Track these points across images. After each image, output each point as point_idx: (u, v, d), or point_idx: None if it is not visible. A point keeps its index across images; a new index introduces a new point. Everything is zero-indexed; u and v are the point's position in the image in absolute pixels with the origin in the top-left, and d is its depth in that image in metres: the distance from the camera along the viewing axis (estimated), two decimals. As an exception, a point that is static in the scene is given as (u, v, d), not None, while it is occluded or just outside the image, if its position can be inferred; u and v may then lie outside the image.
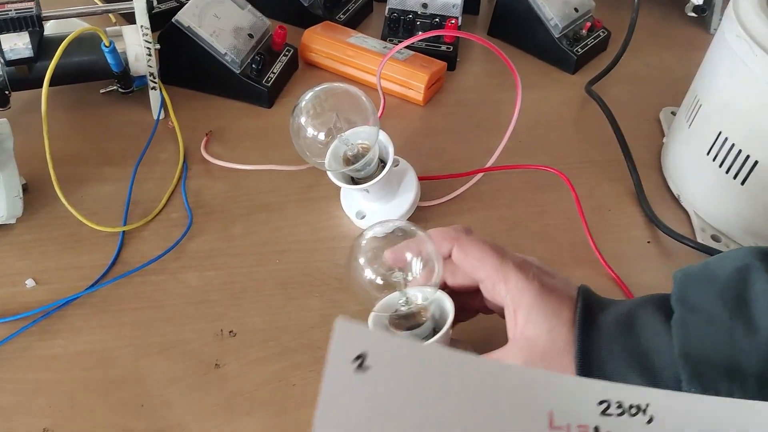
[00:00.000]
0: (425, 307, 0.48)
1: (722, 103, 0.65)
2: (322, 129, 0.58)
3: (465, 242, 0.46)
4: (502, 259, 0.45)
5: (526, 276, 0.44)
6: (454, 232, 0.47)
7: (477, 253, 0.45)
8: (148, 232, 0.63)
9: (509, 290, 0.44)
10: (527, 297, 0.43)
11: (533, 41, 0.88)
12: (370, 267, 0.47)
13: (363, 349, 0.26)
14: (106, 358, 0.53)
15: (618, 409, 0.27)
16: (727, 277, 0.40)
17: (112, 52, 0.67)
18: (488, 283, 0.45)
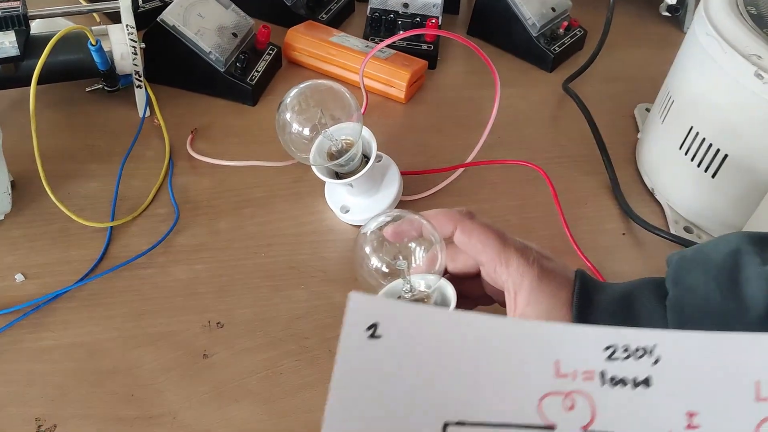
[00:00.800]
0: (428, 294, 0.49)
1: (693, 99, 0.67)
2: (307, 125, 0.59)
3: (468, 225, 0.46)
4: (504, 243, 0.45)
5: (527, 260, 0.45)
6: (458, 215, 0.47)
7: (480, 237, 0.46)
8: (135, 227, 0.64)
9: (510, 273, 0.45)
10: (527, 280, 0.44)
11: (511, 40, 0.90)
12: (375, 255, 0.48)
13: (375, 319, 0.28)
14: (97, 349, 0.54)
15: (624, 352, 0.28)
16: (720, 260, 0.41)
17: (98, 51, 0.68)
18: (489, 266, 0.46)
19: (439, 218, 0.47)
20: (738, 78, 0.61)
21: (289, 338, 0.56)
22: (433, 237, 0.47)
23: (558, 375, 0.28)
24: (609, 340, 0.28)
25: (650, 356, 0.28)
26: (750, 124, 0.61)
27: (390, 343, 0.28)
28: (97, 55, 0.68)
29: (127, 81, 0.74)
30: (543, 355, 0.28)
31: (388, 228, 0.47)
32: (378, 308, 0.28)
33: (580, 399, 0.28)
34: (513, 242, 0.46)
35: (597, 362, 0.28)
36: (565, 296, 0.44)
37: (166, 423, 0.50)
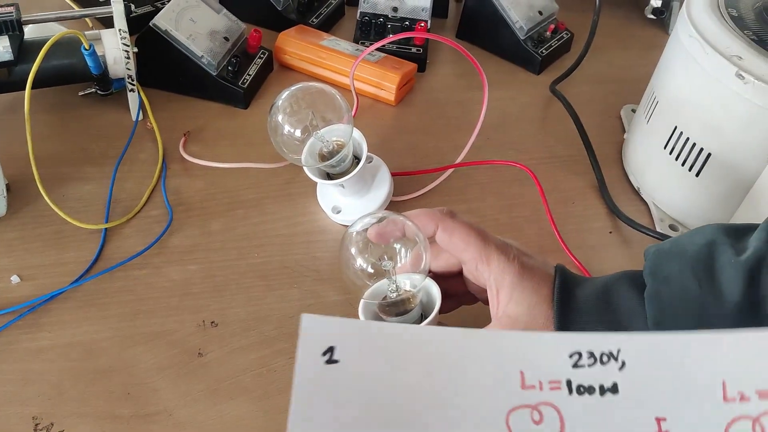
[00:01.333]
0: (413, 293, 0.50)
1: (677, 99, 0.69)
2: (299, 126, 0.60)
3: (450, 224, 0.47)
4: (485, 241, 0.46)
5: (507, 257, 0.45)
6: (439, 214, 0.48)
7: (461, 235, 0.46)
8: (129, 228, 0.65)
9: (492, 271, 0.45)
10: (509, 277, 0.45)
11: (499, 43, 0.92)
12: (360, 256, 0.49)
13: (331, 342, 0.27)
14: (93, 349, 0.55)
15: (590, 359, 0.27)
16: (696, 252, 0.42)
17: (91, 55, 0.69)
18: (471, 264, 0.47)
19: (421, 218, 0.48)
20: (720, 78, 0.63)
21: (283, 337, 0.57)
22: (417, 237, 0.48)
23: (524, 386, 0.27)
24: (573, 347, 0.28)
25: (616, 361, 0.27)
26: (732, 124, 0.62)
27: (348, 367, 0.26)
28: (91, 59, 0.69)
29: (120, 85, 0.75)
30: (507, 366, 0.28)
31: (371, 229, 0.48)
32: (333, 330, 0.27)
33: (548, 411, 0.27)
34: (493, 240, 0.47)
35: (562, 371, 0.27)
36: (546, 292, 0.45)
37: (162, 421, 0.51)
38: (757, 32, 0.64)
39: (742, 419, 0.27)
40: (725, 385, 0.27)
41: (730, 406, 0.27)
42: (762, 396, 0.27)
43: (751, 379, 0.27)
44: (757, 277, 0.39)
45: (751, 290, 0.39)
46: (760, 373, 0.27)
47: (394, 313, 0.50)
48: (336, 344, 0.27)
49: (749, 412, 0.27)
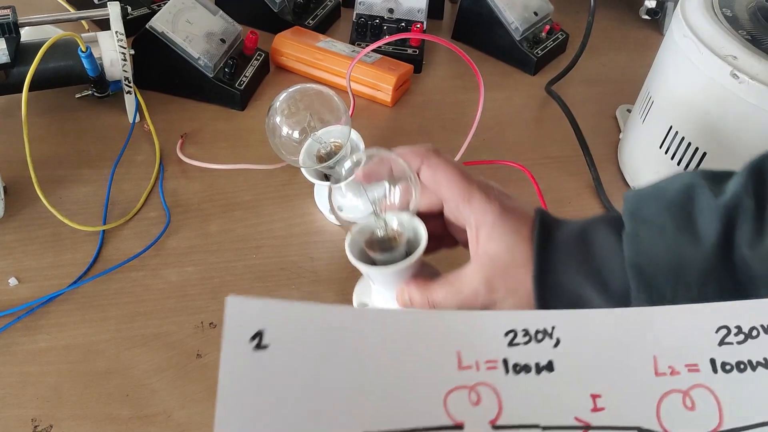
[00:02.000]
0: (401, 232, 0.49)
1: (672, 99, 0.69)
2: (297, 128, 0.60)
3: (434, 161, 0.46)
4: (467, 180, 0.46)
5: (489, 197, 0.45)
6: (425, 151, 0.47)
7: (445, 173, 0.46)
8: (127, 230, 0.65)
9: (473, 210, 0.45)
10: (489, 216, 0.45)
11: (495, 44, 0.92)
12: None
13: (260, 326, 0.25)
14: (91, 351, 0.55)
15: (525, 336, 0.27)
16: (675, 194, 0.42)
17: (88, 57, 0.69)
18: (452, 203, 0.46)
19: (407, 154, 0.47)
20: (715, 78, 0.63)
21: (281, 337, 0.57)
22: (407, 174, 0.47)
23: (461, 367, 0.27)
24: (508, 325, 0.28)
25: (551, 339, 0.28)
26: (727, 123, 0.63)
27: (279, 352, 0.25)
28: (88, 61, 0.69)
29: (117, 87, 0.75)
30: (444, 347, 0.27)
31: (360, 169, 0.48)
32: (262, 312, 0.25)
33: (486, 391, 0.27)
34: (476, 180, 0.47)
35: (499, 349, 0.27)
36: (526, 232, 0.44)
37: (161, 422, 0.51)
38: (751, 32, 0.65)
39: (673, 393, 0.27)
40: (656, 360, 0.28)
41: (661, 381, 0.27)
42: (691, 369, 0.27)
43: (680, 354, 0.28)
44: (733, 220, 0.40)
45: (727, 233, 0.40)
46: (688, 348, 0.28)
47: (380, 249, 0.50)
48: (265, 328, 0.25)
49: (679, 385, 0.27)
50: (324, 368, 0.26)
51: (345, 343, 0.26)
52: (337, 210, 0.64)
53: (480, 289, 0.45)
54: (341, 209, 0.67)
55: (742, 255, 0.39)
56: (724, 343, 0.28)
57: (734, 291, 0.39)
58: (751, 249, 0.39)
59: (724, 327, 0.28)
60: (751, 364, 0.28)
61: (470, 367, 0.27)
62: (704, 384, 0.27)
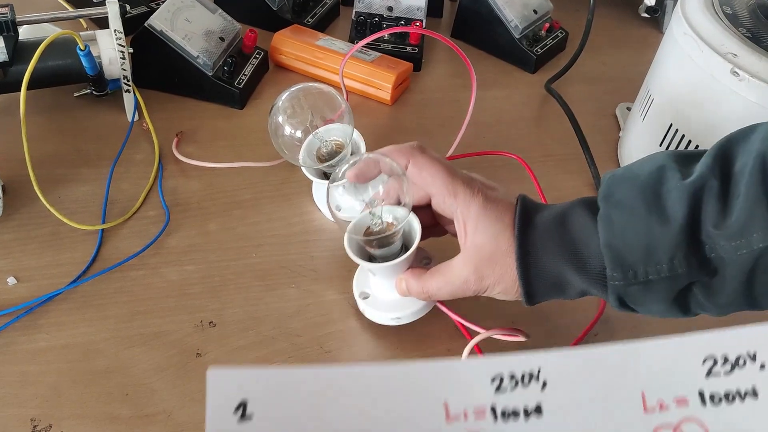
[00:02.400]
0: (396, 228, 0.52)
1: (672, 97, 0.69)
2: (300, 127, 0.60)
3: (420, 159, 0.50)
4: (452, 176, 0.49)
5: (472, 190, 0.48)
6: (410, 149, 0.50)
7: (430, 170, 0.49)
8: (126, 229, 0.64)
9: (458, 203, 0.48)
10: (474, 208, 0.48)
11: (494, 42, 0.92)
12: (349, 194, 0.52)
13: (243, 397, 0.25)
14: (90, 350, 0.55)
15: (511, 381, 0.27)
16: (646, 176, 0.44)
17: (87, 56, 0.68)
18: (439, 197, 0.49)
19: (393, 154, 0.50)
20: (715, 75, 0.63)
21: (281, 336, 0.57)
22: (397, 172, 0.50)
23: (449, 419, 0.27)
24: (493, 370, 0.27)
25: (537, 381, 0.27)
26: (727, 121, 0.63)
27: (263, 421, 0.25)
28: (86, 60, 0.69)
29: (116, 85, 0.74)
30: (431, 399, 0.27)
31: (350, 171, 0.51)
32: (244, 382, 0.25)
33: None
34: (460, 175, 0.49)
35: (486, 397, 0.27)
36: (509, 220, 0.47)
37: (161, 422, 0.51)
38: (750, 29, 0.64)
39: (663, 428, 0.27)
40: (644, 396, 0.27)
41: (651, 417, 0.27)
42: (680, 403, 0.27)
43: (668, 387, 0.27)
44: (698, 201, 0.41)
45: (693, 213, 0.41)
46: (676, 381, 0.28)
47: (378, 245, 0.52)
48: (248, 397, 0.25)
49: (669, 419, 0.27)
50: (312, 430, 0.25)
51: (330, 406, 0.26)
52: (335, 209, 0.64)
53: (470, 278, 0.48)
54: (339, 209, 0.67)
55: (708, 233, 0.41)
56: (711, 374, 0.28)
57: (701, 267, 0.41)
58: (715, 228, 0.41)
59: (710, 358, 0.28)
60: (740, 393, 0.28)
61: (458, 418, 0.27)
62: (694, 417, 0.27)
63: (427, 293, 0.51)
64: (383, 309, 0.56)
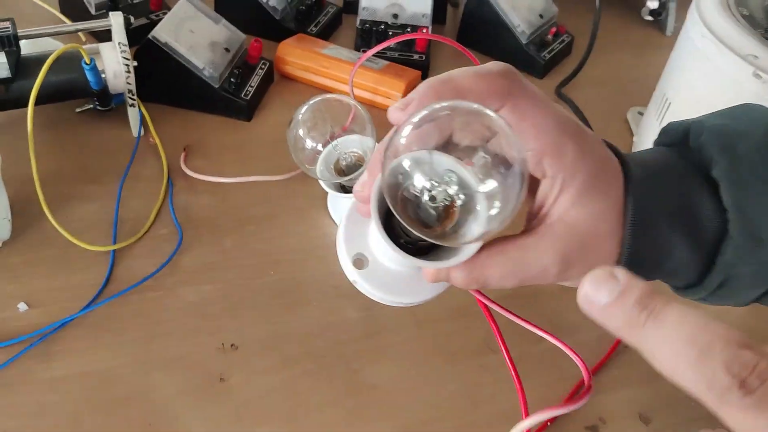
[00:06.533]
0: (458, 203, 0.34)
1: (691, 100, 0.68)
2: (320, 140, 0.58)
3: (521, 102, 0.35)
4: (561, 128, 0.35)
5: (583, 152, 0.35)
6: (506, 85, 0.35)
7: (535, 119, 0.35)
8: (138, 249, 0.62)
9: (563, 168, 0.35)
10: (580, 177, 0.35)
11: (501, 48, 0.91)
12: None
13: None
14: (109, 376, 0.53)
15: None
16: (762, 135, 0.37)
17: (92, 70, 0.66)
18: (536, 155, 0.35)
19: (480, 88, 0.34)
20: (736, 78, 0.62)
21: (305, 357, 0.55)
22: (501, 126, 0.31)
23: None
24: None
25: None
26: (751, 124, 0.62)
27: None
28: (91, 74, 0.67)
29: (119, 100, 0.72)
30: None
31: (410, 131, 0.32)
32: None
33: None
34: (570, 124, 0.36)
35: None
36: (615, 194, 0.36)
37: (187, 450, 0.49)
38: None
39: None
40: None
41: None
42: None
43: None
44: None
45: None
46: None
47: (420, 222, 0.33)
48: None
49: None
50: None
51: None
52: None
53: (552, 267, 0.35)
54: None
55: None
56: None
57: None
58: None
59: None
60: None
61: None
62: None
63: (483, 282, 0.36)
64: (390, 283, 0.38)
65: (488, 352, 0.57)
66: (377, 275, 0.37)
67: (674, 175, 0.38)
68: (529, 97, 0.35)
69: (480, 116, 0.31)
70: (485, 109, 0.31)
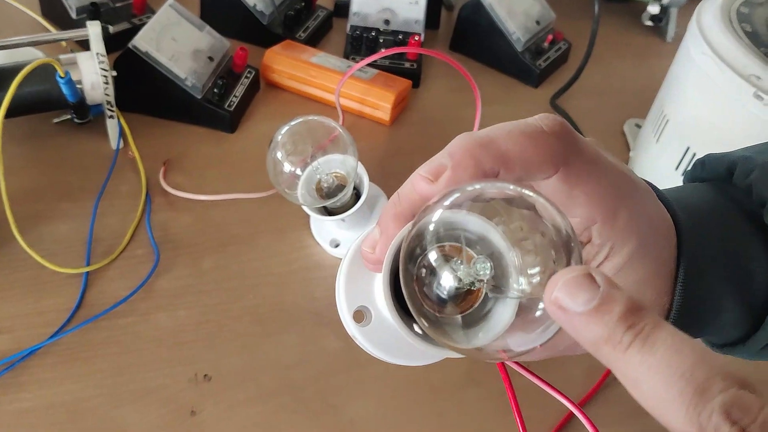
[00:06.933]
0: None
1: (690, 118, 0.66)
2: (299, 164, 0.56)
3: (577, 168, 0.29)
4: (615, 194, 0.30)
5: (636, 214, 0.31)
6: (562, 146, 0.29)
7: (588, 185, 0.30)
8: (112, 271, 0.60)
9: (614, 235, 0.30)
10: (634, 242, 0.31)
11: (495, 55, 0.88)
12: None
13: None
14: (78, 410, 0.51)
15: None
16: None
17: (67, 83, 0.64)
18: (588, 221, 0.31)
19: (531, 155, 0.28)
20: (736, 98, 0.60)
21: (283, 389, 0.53)
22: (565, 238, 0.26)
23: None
24: None
25: None
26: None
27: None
28: (67, 87, 0.64)
29: (98, 111, 0.70)
30: None
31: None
32: None
33: None
34: (625, 186, 0.31)
35: None
36: (667, 255, 0.32)
37: (155, 489, 0.47)
38: (773, 49, 0.61)
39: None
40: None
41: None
42: None
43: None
44: None
45: None
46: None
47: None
48: None
49: None
50: None
51: None
52: (330, 245, 0.59)
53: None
54: (337, 244, 0.63)
55: None
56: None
57: None
58: None
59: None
60: None
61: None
62: None
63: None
64: (394, 344, 0.32)
65: (470, 386, 0.55)
66: (380, 333, 0.32)
67: (722, 222, 0.34)
68: (585, 162, 0.30)
69: (523, 200, 0.26)
70: (529, 192, 0.26)
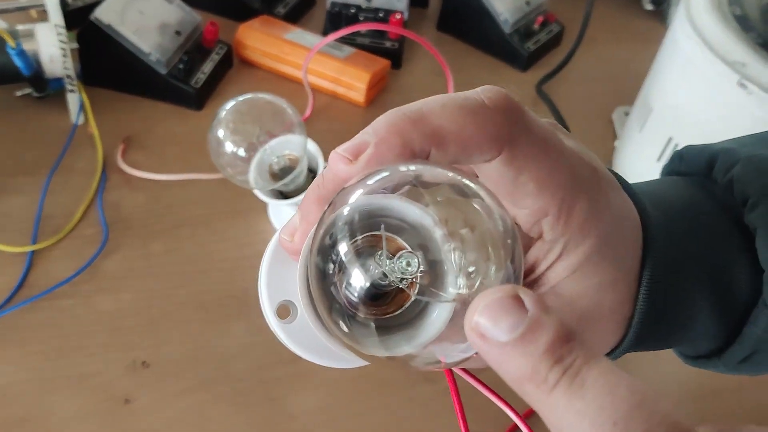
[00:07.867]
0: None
1: (673, 107, 0.62)
2: (243, 144, 0.53)
3: (525, 149, 0.25)
4: (572, 182, 0.26)
5: (597, 209, 0.27)
6: (506, 123, 0.25)
7: (543, 171, 0.26)
8: (59, 250, 0.58)
9: (568, 231, 0.26)
10: (590, 241, 0.27)
11: (483, 37, 0.84)
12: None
13: None
14: (6, 394, 0.49)
15: None
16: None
17: (20, 55, 0.61)
18: (533, 216, 0.27)
19: (469, 132, 0.24)
20: (720, 86, 0.56)
21: (222, 380, 0.51)
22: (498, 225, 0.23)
23: None
24: None
25: None
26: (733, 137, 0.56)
27: None
28: (19, 59, 0.62)
29: (59, 84, 0.67)
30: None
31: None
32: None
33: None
34: (585, 174, 0.27)
35: None
36: (632, 256, 0.28)
37: (79, 481, 0.45)
38: (762, 34, 0.57)
39: None
40: None
41: None
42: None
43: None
44: None
45: None
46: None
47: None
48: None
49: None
50: None
51: None
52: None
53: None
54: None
55: None
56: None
57: None
58: None
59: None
60: None
61: None
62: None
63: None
64: (320, 344, 0.28)
65: (422, 383, 0.52)
66: (306, 331, 0.28)
67: (698, 221, 0.31)
68: (534, 142, 0.26)
69: (455, 186, 0.23)
70: (465, 180, 0.23)
